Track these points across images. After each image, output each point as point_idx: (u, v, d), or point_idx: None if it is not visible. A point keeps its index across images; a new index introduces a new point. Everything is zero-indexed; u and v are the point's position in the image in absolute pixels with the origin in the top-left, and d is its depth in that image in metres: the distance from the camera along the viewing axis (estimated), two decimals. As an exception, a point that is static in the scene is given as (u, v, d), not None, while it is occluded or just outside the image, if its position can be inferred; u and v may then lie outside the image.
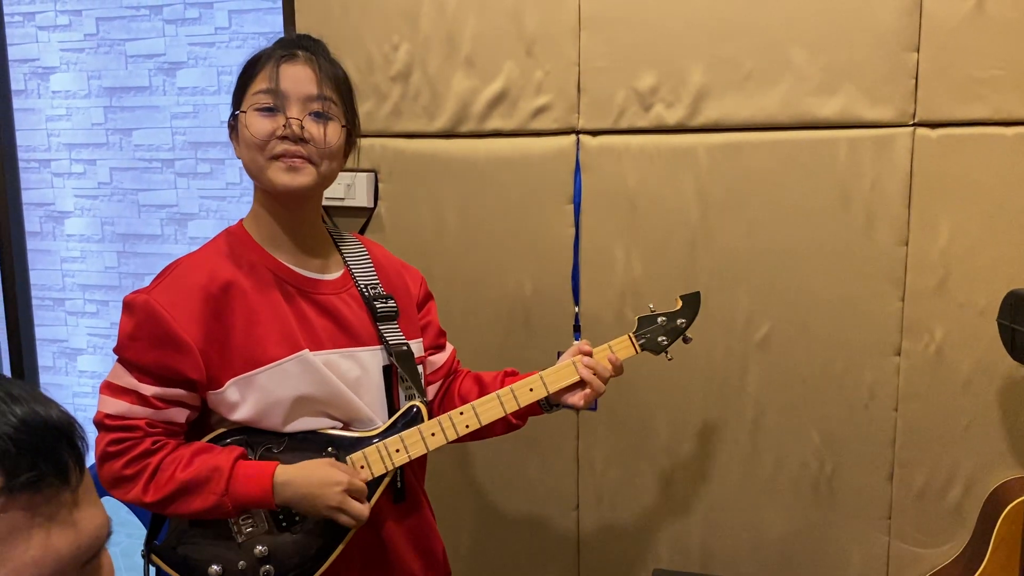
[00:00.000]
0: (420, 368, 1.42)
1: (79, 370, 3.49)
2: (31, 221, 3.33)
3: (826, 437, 1.83)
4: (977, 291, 1.73)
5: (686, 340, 1.49)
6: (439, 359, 1.53)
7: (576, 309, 1.91)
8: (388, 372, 1.39)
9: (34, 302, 3.17)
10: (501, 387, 1.43)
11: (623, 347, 1.45)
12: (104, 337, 3.42)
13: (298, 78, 1.28)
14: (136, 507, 1.58)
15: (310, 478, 1.25)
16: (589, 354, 1.42)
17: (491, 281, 1.95)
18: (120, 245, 3.35)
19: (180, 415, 1.27)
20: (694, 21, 1.77)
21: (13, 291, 2.46)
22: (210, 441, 1.29)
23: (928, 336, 1.76)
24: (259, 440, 1.29)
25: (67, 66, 3.28)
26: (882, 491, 1.82)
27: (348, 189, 1.97)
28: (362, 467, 1.32)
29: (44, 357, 3.44)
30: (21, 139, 3.11)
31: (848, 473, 1.84)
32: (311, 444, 1.31)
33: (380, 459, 1.33)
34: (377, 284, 1.42)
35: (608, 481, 1.97)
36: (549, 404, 1.43)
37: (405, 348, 1.39)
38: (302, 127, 1.27)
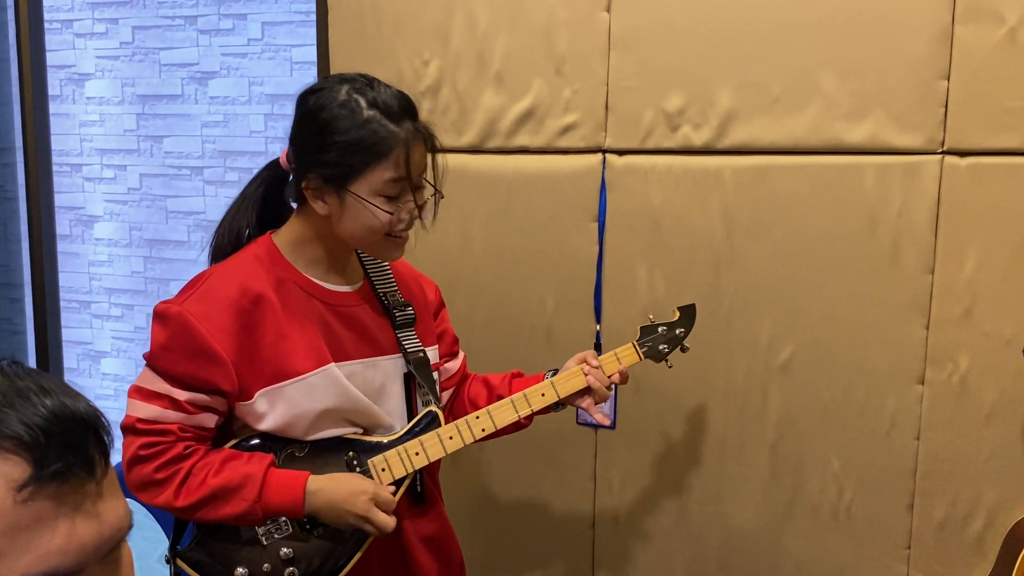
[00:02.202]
0: (435, 375, 1.46)
1: (102, 372, 3.52)
2: (61, 224, 3.38)
3: (846, 464, 1.82)
4: (1003, 321, 1.71)
5: (683, 349, 1.57)
6: (453, 366, 1.56)
7: (597, 327, 1.92)
8: (407, 379, 1.42)
9: (61, 304, 3.22)
10: (509, 389, 1.49)
11: (627, 354, 1.52)
12: (128, 341, 3.46)
13: (419, 160, 1.30)
14: (158, 511, 1.59)
15: (339, 488, 1.28)
16: (596, 367, 1.47)
17: (514, 296, 1.96)
18: (147, 250, 3.39)
19: (210, 420, 1.29)
20: (723, 44, 1.78)
21: (43, 293, 2.49)
22: (235, 446, 1.31)
23: (952, 365, 1.74)
24: (282, 445, 1.32)
25: (102, 73, 3.34)
26: (902, 521, 1.81)
27: (375, 201, 1.99)
28: (383, 469, 1.35)
29: (68, 359, 3.48)
30: (54, 143, 3.16)
31: (868, 501, 1.82)
32: (332, 449, 1.34)
33: (400, 461, 1.36)
34: (396, 292, 1.45)
35: (625, 501, 1.96)
36: (558, 405, 1.49)
37: (422, 355, 1.43)
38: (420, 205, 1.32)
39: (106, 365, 3.49)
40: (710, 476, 1.90)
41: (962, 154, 1.70)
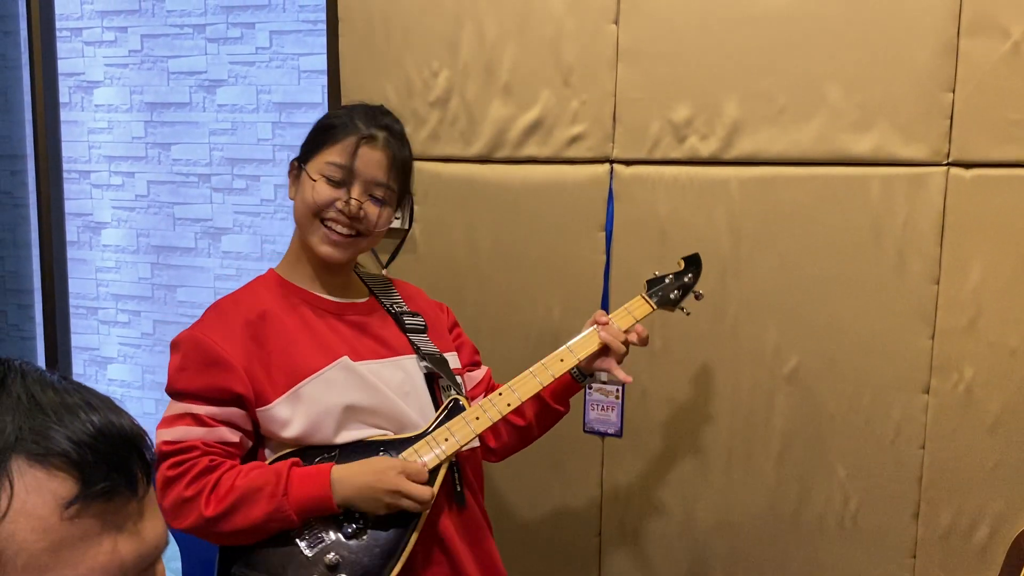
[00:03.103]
0: (459, 379, 1.48)
1: (108, 378, 3.54)
2: (69, 230, 3.40)
3: (852, 473, 1.83)
4: (1008, 331, 1.72)
5: (698, 296, 1.58)
6: (477, 375, 1.59)
7: (605, 336, 1.93)
8: (430, 379, 1.44)
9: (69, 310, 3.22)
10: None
11: (639, 306, 1.53)
12: (135, 347, 3.48)
13: (371, 162, 1.37)
14: (196, 538, 1.60)
15: (365, 469, 1.27)
16: (605, 323, 1.49)
17: (521, 305, 1.97)
18: (154, 257, 3.41)
19: (233, 435, 1.30)
20: (730, 55, 1.79)
21: (52, 299, 2.51)
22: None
23: (957, 375, 1.75)
24: (312, 455, 1.32)
25: (111, 80, 3.36)
26: (907, 530, 1.82)
27: (383, 210, 2.01)
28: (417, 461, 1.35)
29: (76, 364, 3.49)
30: (63, 150, 3.18)
31: (873, 510, 1.83)
32: (362, 451, 1.33)
33: (430, 449, 1.34)
34: (402, 303, 1.50)
35: (631, 509, 1.97)
36: (582, 375, 1.50)
37: (439, 356, 1.46)
38: (360, 207, 1.35)
39: (113, 371, 3.50)
40: (716, 484, 1.91)
41: (967, 166, 1.71)
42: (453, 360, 1.49)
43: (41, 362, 2.95)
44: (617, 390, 1.93)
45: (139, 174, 3.36)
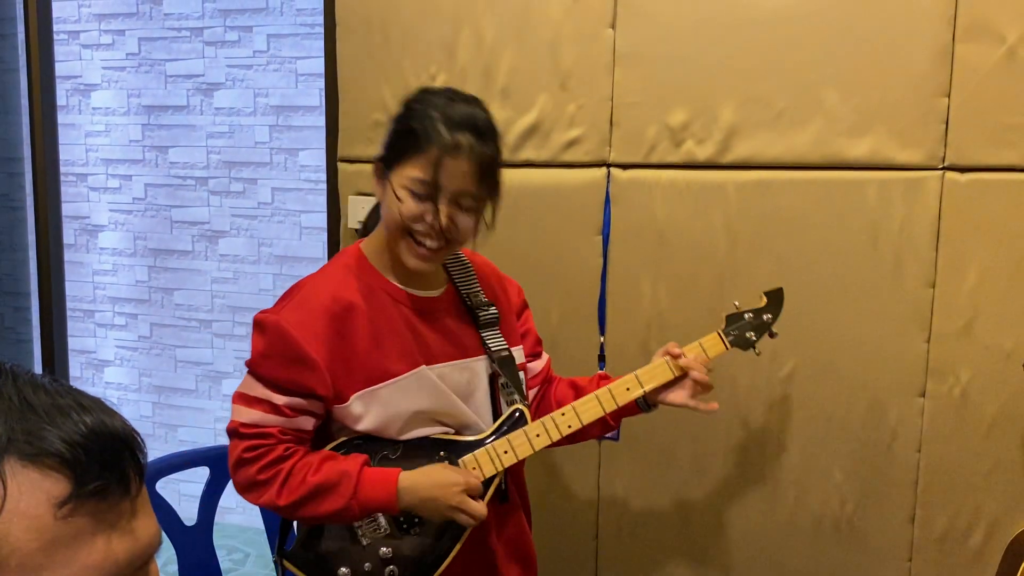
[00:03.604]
0: (521, 374, 1.49)
1: (105, 381, 3.54)
2: (66, 233, 3.39)
3: (848, 476, 1.83)
4: (1004, 335, 1.73)
5: (772, 335, 1.54)
6: (537, 366, 1.59)
7: (601, 339, 1.93)
8: (492, 379, 1.46)
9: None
10: (598, 388, 1.49)
11: (713, 344, 1.51)
12: (131, 350, 3.47)
13: (457, 174, 1.29)
14: (190, 541, 1.65)
15: (430, 481, 1.33)
16: (678, 355, 1.47)
17: (518, 309, 1.97)
18: (151, 260, 3.40)
19: (308, 423, 1.35)
20: (727, 60, 1.80)
21: (49, 302, 2.51)
22: (332, 449, 1.37)
23: (953, 378, 1.76)
24: (376, 447, 1.37)
25: (108, 84, 3.36)
26: (903, 532, 1.82)
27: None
28: (473, 468, 1.39)
29: (72, 367, 3.49)
30: (60, 153, 3.18)
31: (870, 513, 1.83)
32: (424, 449, 1.39)
33: (490, 460, 1.39)
34: (479, 292, 1.48)
35: (628, 512, 1.97)
36: (647, 404, 1.50)
37: (507, 353, 1.46)
38: (450, 220, 1.31)
39: (109, 374, 3.50)
40: (713, 488, 1.92)
41: (962, 170, 1.72)
42: (519, 355, 1.49)
43: (38, 365, 2.95)
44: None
45: (136, 177, 3.36)
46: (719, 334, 1.52)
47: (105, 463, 0.59)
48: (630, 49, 1.85)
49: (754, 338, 1.53)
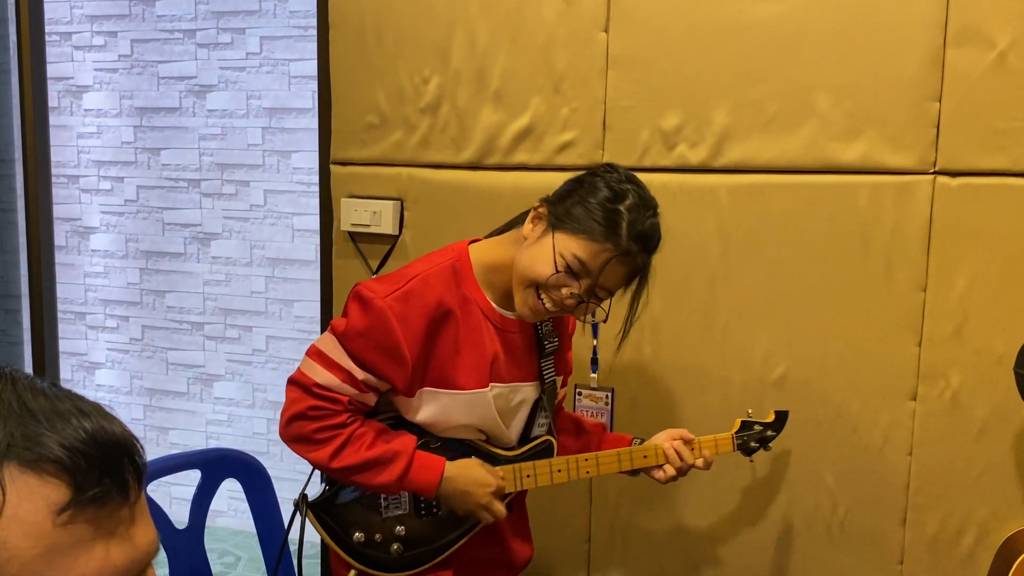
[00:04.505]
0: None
1: (96, 384, 3.52)
2: (57, 235, 3.38)
3: (840, 479, 1.84)
4: (994, 339, 1.74)
5: (767, 449, 1.67)
6: (561, 392, 1.67)
7: (594, 342, 1.93)
8: (534, 404, 1.56)
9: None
10: (600, 441, 1.64)
11: (725, 444, 1.64)
12: (123, 352, 3.46)
13: (615, 276, 1.38)
14: (184, 545, 1.69)
15: (469, 477, 1.43)
16: (709, 464, 1.59)
17: (511, 312, 1.97)
18: (143, 262, 3.39)
19: (373, 400, 1.42)
20: (720, 64, 1.81)
21: (40, 304, 2.49)
22: (386, 420, 1.46)
23: (944, 382, 1.77)
24: (421, 433, 1.46)
25: (100, 85, 3.35)
26: (895, 536, 1.83)
27: (374, 216, 2.01)
28: (502, 477, 1.49)
29: (63, 370, 3.48)
30: (52, 155, 3.17)
31: (861, 516, 1.84)
32: (459, 449, 1.48)
33: (513, 479, 1.50)
34: (549, 322, 1.55)
35: (620, 516, 1.98)
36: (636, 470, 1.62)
37: (552, 383, 1.56)
38: (584, 308, 1.39)
39: (100, 376, 3.49)
40: (704, 491, 1.92)
41: (953, 174, 1.73)
42: (558, 383, 1.59)
43: (29, 367, 2.93)
44: (607, 396, 1.93)
45: (128, 179, 3.35)
46: (732, 438, 1.64)
47: (105, 469, 0.58)
48: (623, 53, 1.85)
49: (755, 448, 1.66)
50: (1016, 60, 1.67)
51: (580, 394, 1.93)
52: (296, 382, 1.39)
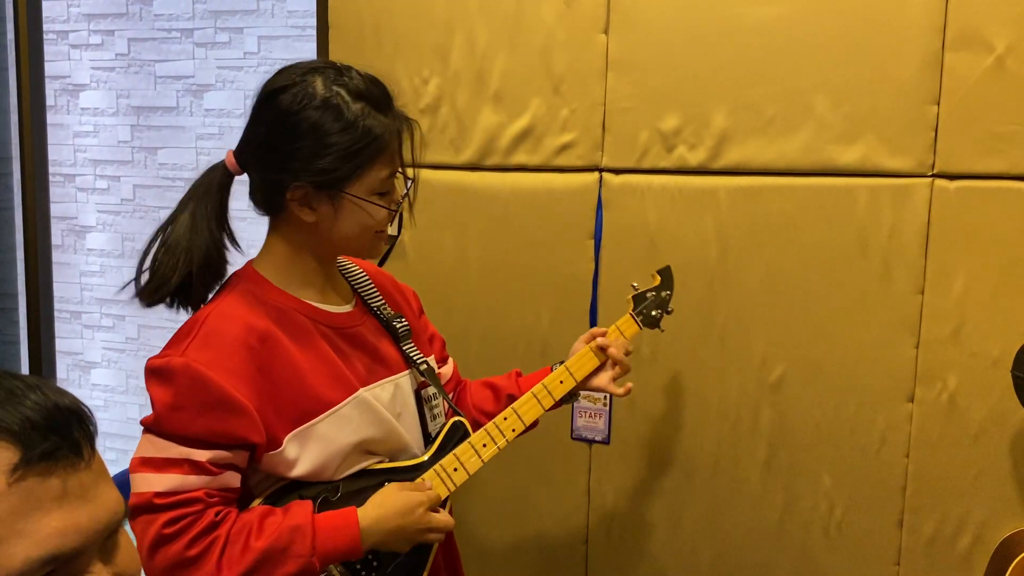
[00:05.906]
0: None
1: (92, 383, 3.51)
2: (54, 234, 3.37)
3: (837, 480, 1.84)
4: (991, 341, 1.75)
5: (668, 312, 1.60)
6: (447, 371, 1.50)
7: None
8: (416, 394, 1.36)
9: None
10: (518, 387, 1.48)
11: (628, 326, 1.54)
12: (119, 351, 3.45)
13: (402, 151, 1.22)
14: None
15: (391, 511, 1.19)
16: (607, 346, 1.47)
17: (510, 312, 1.98)
18: (140, 261, 3.37)
19: (235, 479, 1.15)
20: (719, 66, 1.81)
21: (37, 304, 2.49)
22: (264, 502, 1.19)
23: (941, 384, 1.77)
24: (312, 492, 1.20)
25: (97, 84, 3.34)
26: (892, 537, 1.83)
27: (373, 217, 2.00)
28: (429, 486, 1.29)
29: (59, 369, 3.47)
30: (48, 154, 3.16)
31: (858, 518, 1.84)
32: (366, 485, 1.24)
33: (441, 482, 1.30)
34: (385, 305, 1.37)
35: (618, 516, 1.98)
36: (569, 394, 1.48)
37: (427, 365, 1.37)
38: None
39: (96, 375, 3.48)
40: (703, 492, 1.92)
41: (951, 177, 1.73)
42: (433, 364, 1.41)
43: (25, 367, 2.93)
44: (605, 398, 1.93)
45: (125, 178, 3.35)
46: (631, 315, 1.55)
47: (52, 428, 0.62)
48: (623, 55, 1.85)
49: (659, 315, 1.58)
50: (1014, 64, 1.68)
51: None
52: (135, 507, 1.10)
